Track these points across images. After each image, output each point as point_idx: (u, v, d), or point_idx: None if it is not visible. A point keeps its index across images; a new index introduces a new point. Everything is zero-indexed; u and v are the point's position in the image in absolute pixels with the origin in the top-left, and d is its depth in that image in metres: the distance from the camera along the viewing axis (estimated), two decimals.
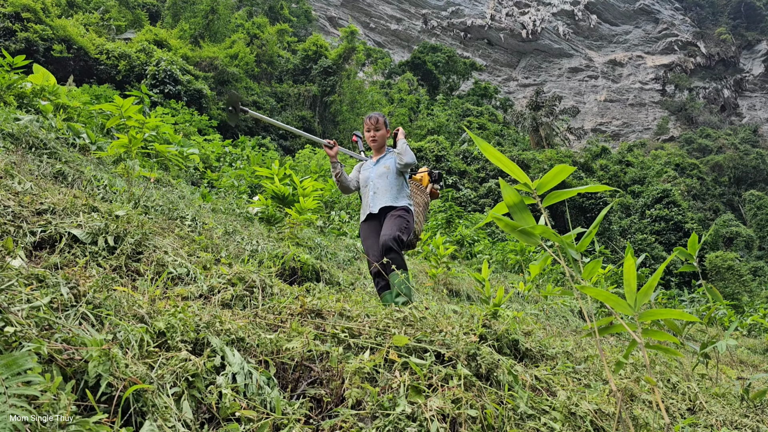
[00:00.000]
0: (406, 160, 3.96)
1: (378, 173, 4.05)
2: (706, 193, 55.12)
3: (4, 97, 7.40)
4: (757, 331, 12.20)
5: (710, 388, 3.56)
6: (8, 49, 20.88)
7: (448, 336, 2.60)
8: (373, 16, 78.39)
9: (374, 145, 4.18)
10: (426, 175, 4.47)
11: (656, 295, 10.25)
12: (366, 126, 4.18)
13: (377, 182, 4.02)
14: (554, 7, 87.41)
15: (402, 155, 3.98)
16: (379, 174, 4.04)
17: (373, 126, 4.13)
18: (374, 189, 4.01)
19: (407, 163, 3.96)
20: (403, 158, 3.96)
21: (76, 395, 1.51)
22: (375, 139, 4.14)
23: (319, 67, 37.19)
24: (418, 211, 4.21)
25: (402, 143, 4.02)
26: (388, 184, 4.00)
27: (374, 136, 4.14)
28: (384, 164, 4.09)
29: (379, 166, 4.10)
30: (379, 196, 3.97)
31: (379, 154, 4.23)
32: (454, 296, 7.48)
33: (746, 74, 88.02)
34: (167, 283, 3.17)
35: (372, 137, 4.15)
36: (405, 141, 4.06)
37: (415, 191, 4.33)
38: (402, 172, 4.06)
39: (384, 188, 3.98)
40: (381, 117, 4.16)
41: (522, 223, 2.00)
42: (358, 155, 4.68)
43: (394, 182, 4.02)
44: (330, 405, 2.00)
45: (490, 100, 61.39)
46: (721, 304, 9.45)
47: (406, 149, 3.99)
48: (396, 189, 4.00)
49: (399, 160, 3.98)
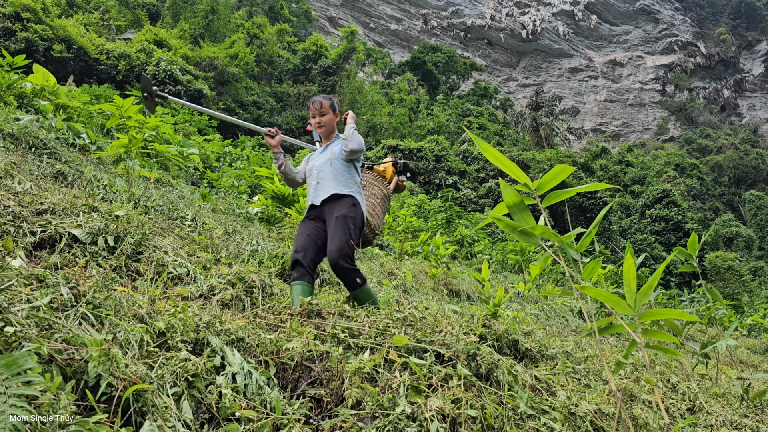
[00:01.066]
0: (352, 146, 3.56)
1: (323, 160, 3.65)
2: (706, 193, 55.13)
3: (4, 97, 7.40)
4: (757, 331, 12.21)
5: (710, 388, 3.56)
6: (8, 49, 20.89)
7: (447, 336, 2.60)
8: (373, 16, 78.40)
9: (322, 132, 3.78)
10: (390, 166, 4.04)
11: (656, 295, 10.25)
12: (311, 111, 3.78)
13: (321, 170, 3.61)
14: (554, 7, 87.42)
15: (348, 141, 3.58)
16: (324, 161, 3.63)
17: (318, 111, 3.72)
18: (318, 178, 3.60)
19: (353, 149, 3.57)
20: (348, 144, 3.57)
21: (76, 395, 1.51)
22: (321, 124, 3.74)
23: (319, 67, 37.21)
24: (375, 203, 3.84)
25: (349, 128, 3.63)
26: (332, 172, 3.58)
27: (320, 122, 3.73)
28: (330, 150, 3.69)
29: (325, 153, 3.70)
30: (322, 185, 3.56)
31: (328, 141, 3.82)
32: (454, 296, 7.48)
33: (746, 74, 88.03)
34: (167, 283, 3.17)
35: (318, 123, 3.75)
36: (353, 126, 3.68)
37: (373, 182, 3.93)
38: (351, 160, 3.67)
39: (328, 176, 3.57)
40: (326, 100, 3.73)
41: (522, 223, 2.00)
42: (310, 145, 4.21)
43: (339, 169, 3.60)
44: (330, 405, 2.00)
45: (490, 100, 61.41)
46: (721, 304, 9.46)
47: (353, 134, 3.61)
48: (341, 176, 3.58)
49: (345, 146, 3.60)
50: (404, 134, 37.87)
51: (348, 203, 3.46)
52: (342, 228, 3.33)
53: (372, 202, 3.83)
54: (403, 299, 4.41)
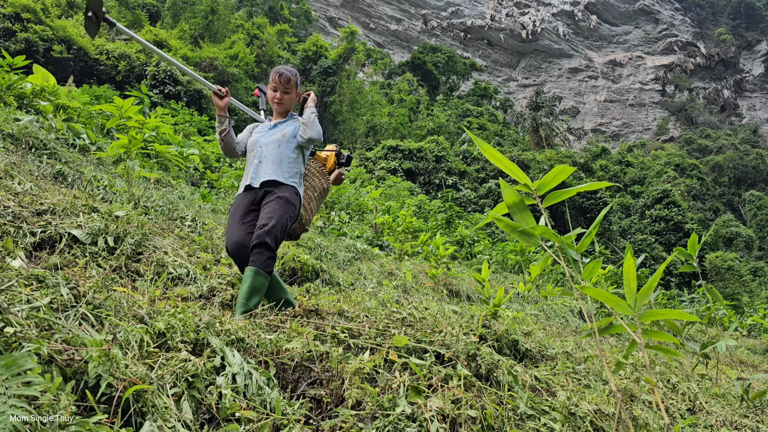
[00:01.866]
0: (311, 135, 3.21)
1: (270, 139, 3.26)
2: (706, 193, 55.13)
3: (4, 98, 7.40)
4: (757, 332, 12.20)
5: (710, 389, 3.56)
6: (8, 49, 20.90)
7: (447, 336, 2.60)
8: (373, 16, 78.42)
9: (278, 109, 3.38)
10: (332, 156, 3.68)
11: (656, 295, 10.25)
12: (272, 83, 3.31)
13: (266, 149, 3.21)
14: (554, 7, 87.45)
15: (307, 127, 3.22)
16: (272, 140, 3.25)
17: (283, 86, 3.30)
18: (260, 157, 3.20)
19: (311, 138, 3.22)
20: (307, 131, 3.21)
21: (76, 396, 1.51)
22: (281, 101, 3.34)
23: (319, 68, 37.21)
24: (312, 196, 3.51)
25: (310, 113, 3.28)
26: (278, 155, 3.20)
27: (281, 99, 3.33)
28: (282, 130, 3.30)
29: (274, 132, 3.31)
30: (264, 166, 3.17)
31: (280, 118, 3.43)
32: (454, 297, 7.48)
33: (746, 74, 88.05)
34: (167, 283, 3.17)
35: (278, 99, 3.33)
36: (314, 110, 3.33)
37: (315, 173, 3.55)
38: (302, 147, 3.31)
39: (273, 158, 3.19)
40: (294, 76, 3.33)
41: (522, 223, 2.00)
42: (257, 115, 3.81)
43: (287, 154, 3.23)
44: (330, 405, 2.00)
45: (490, 100, 61.44)
46: (721, 304, 9.45)
47: (314, 121, 3.25)
48: (287, 163, 3.21)
49: (302, 132, 3.23)
50: (404, 134, 37.89)
51: (291, 191, 3.14)
52: (282, 209, 3.00)
53: (309, 195, 3.51)
54: (403, 300, 4.41)
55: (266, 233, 2.86)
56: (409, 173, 28.73)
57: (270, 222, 2.91)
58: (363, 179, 21.34)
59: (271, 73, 3.33)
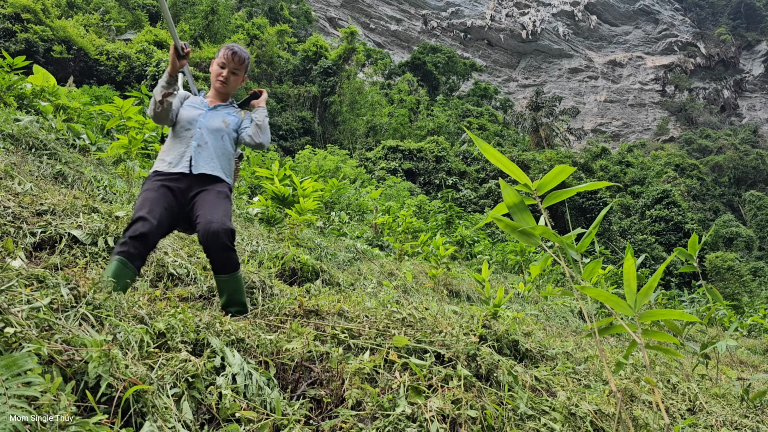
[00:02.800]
0: (263, 140, 3.01)
1: (211, 124, 2.96)
2: (706, 193, 55.13)
3: (5, 98, 7.41)
4: (757, 332, 12.20)
5: (710, 389, 3.56)
6: (8, 50, 20.90)
7: (447, 337, 2.61)
8: (373, 16, 78.44)
9: (220, 88, 3.06)
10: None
11: (656, 295, 10.25)
12: (222, 59, 3.01)
13: (208, 136, 2.92)
14: (554, 7, 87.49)
15: (261, 131, 2.99)
16: (214, 127, 2.96)
17: (234, 66, 3.01)
18: (200, 140, 2.89)
19: (261, 144, 3.00)
20: (260, 136, 2.99)
21: (76, 396, 1.51)
22: (226, 81, 3.04)
23: (319, 68, 37.22)
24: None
25: (264, 115, 3.05)
26: (221, 148, 2.95)
27: (226, 78, 3.04)
28: (223, 117, 3.02)
29: (215, 117, 3.00)
30: (204, 155, 2.87)
31: (220, 101, 3.12)
32: (454, 297, 7.48)
33: (746, 75, 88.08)
34: (167, 283, 3.17)
35: (224, 78, 3.03)
36: (267, 113, 3.10)
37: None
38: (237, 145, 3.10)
39: (214, 150, 2.91)
40: (247, 59, 3.07)
41: (522, 223, 2.00)
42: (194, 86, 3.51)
43: (227, 150, 2.99)
44: (330, 406, 2.00)
45: (490, 100, 61.47)
46: (721, 304, 9.45)
47: (267, 126, 3.04)
48: (227, 160, 2.97)
49: (254, 135, 2.99)
50: (404, 135, 37.90)
51: (228, 190, 2.92)
52: (225, 204, 2.79)
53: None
54: (403, 300, 4.41)
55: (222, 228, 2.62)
56: (409, 173, 28.75)
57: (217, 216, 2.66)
58: (363, 179, 21.35)
59: (223, 48, 3.03)
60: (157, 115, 2.85)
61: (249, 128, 3.04)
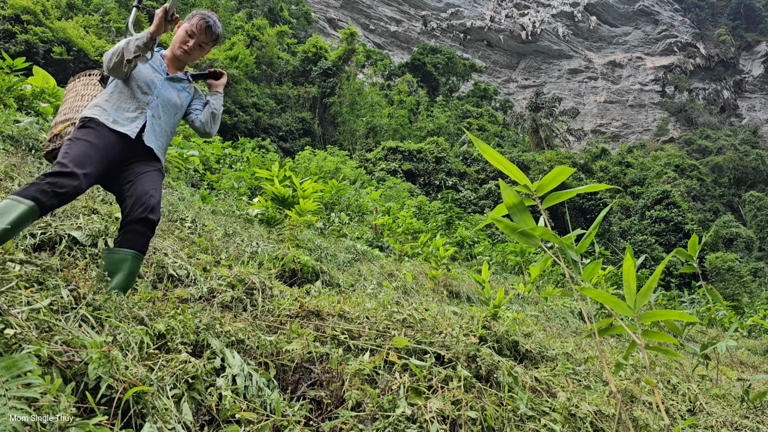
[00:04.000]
0: (212, 130, 2.88)
1: (170, 100, 2.76)
2: (706, 194, 55.14)
3: (4, 99, 7.41)
4: (758, 332, 12.20)
5: (710, 390, 3.56)
6: (8, 51, 20.92)
7: (447, 337, 2.61)
8: (373, 17, 78.49)
9: (181, 57, 2.81)
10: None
11: (656, 296, 10.25)
12: (193, 28, 2.76)
13: (163, 111, 2.72)
14: (553, 8, 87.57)
15: (214, 121, 2.85)
16: (171, 103, 2.76)
17: (205, 39, 2.79)
18: (155, 111, 2.68)
19: (210, 133, 2.89)
20: (212, 126, 2.86)
21: (76, 397, 1.51)
22: (190, 52, 2.80)
23: (318, 69, 37.24)
24: None
25: (221, 102, 2.92)
26: (171, 127, 2.78)
27: (191, 50, 2.79)
28: (179, 93, 2.82)
29: (171, 89, 2.79)
30: (157, 130, 2.68)
31: (176, 69, 2.88)
32: (454, 298, 7.48)
33: (746, 75, 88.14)
34: (167, 284, 3.17)
35: (189, 48, 2.79)
36: (222, 101, 2.97)
37: None
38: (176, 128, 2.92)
39: (165, 126, 2.74)
40: (221, 35, 2.87)
41: (522, 224, 2.00)
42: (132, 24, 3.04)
43: (173, 129, 2.82)
44: (330, 407, 2.00)
45: (489, 101, 61.49)
46: (721, 305, 9.45)
47: (220, 114, 2.92)
48: (169, 139, 2.80)
49: (206, 122, 2.84)
50: (404, 136, 37.91)
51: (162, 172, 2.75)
52: (160, 186, 2.63)
53: None
54: (403, 301, 4.41)
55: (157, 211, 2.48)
56: (409, 174, 28.75)
57: (156, 199, 2.51)
58: (363, 180, 21.36)
59: (197, 16, 2.77)
60: (117, 71, 2.55)
61: (202, 114, 2.87)
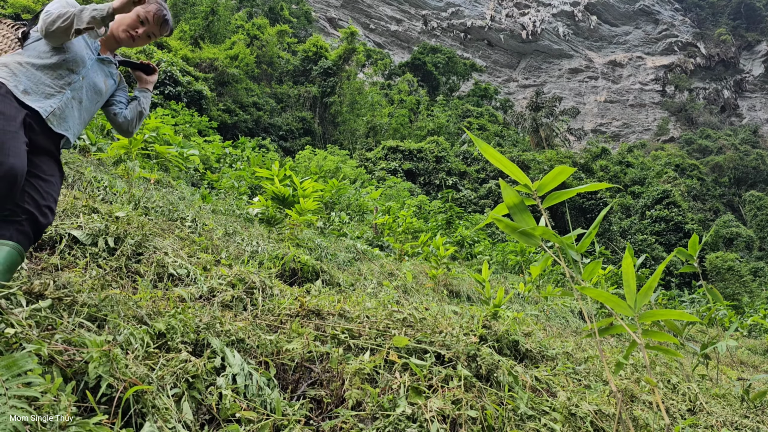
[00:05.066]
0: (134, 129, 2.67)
1: (96, 84, 2.45)
2: (707, 193, 55.13)
3: None
4: (758, 332, 12.20)
5: (710, 389, 3.56)
6: None
7: (448, 337, 2.61)
8: (373, 17, 78.46)
9: (122, 41, 2.54)
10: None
11: (656, 295, 10.25)
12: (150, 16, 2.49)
13: (86, 95, 2.40)
14: (554, 8, 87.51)
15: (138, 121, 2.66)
16: (96, 88, 2.46)
17: (156, 31, 2.55)
18: (77, 94, 2.35)
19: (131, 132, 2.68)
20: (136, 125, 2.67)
21: (76, 396, 1.51)
22: (134, 40, 2.54)
23: (319, 68, 37.23)
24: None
25: (150, 101, 2.74)
26: (90, 114, 2.47)
27: (135, 38, 2.52)
28: (105, 79, 2.51)
29: (100, 73, 2.48)
30: (75, 115, 2.36)
31: (108, 50, 2.59)
32: (455, 297, 7.48)
33: (746, 75, 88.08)
34: (167, 284, 3.17)
35: (134, 36, 2.51)
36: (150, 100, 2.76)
37: None
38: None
39: (85, 115, 2.43)
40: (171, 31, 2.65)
41: (522, 224, 2.00)
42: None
43: (90, 118, 2.50)
44: (330, 406, 2.00)
45: (490, 101, 61.48)
46: (721, 304, 9.45)
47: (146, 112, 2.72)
48: (82, 128, 2.47)
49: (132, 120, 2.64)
50: (404, 135, 37.91)
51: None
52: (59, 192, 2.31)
53: None
54: (403, 300, 4.41)
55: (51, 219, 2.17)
56: (409, 174, 28.75)
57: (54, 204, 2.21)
58: (363, 180, 21.35)
59: (155, 6, 2.51)
60: (56, 36, 2.24)
61: (128, 110, 2.66)
